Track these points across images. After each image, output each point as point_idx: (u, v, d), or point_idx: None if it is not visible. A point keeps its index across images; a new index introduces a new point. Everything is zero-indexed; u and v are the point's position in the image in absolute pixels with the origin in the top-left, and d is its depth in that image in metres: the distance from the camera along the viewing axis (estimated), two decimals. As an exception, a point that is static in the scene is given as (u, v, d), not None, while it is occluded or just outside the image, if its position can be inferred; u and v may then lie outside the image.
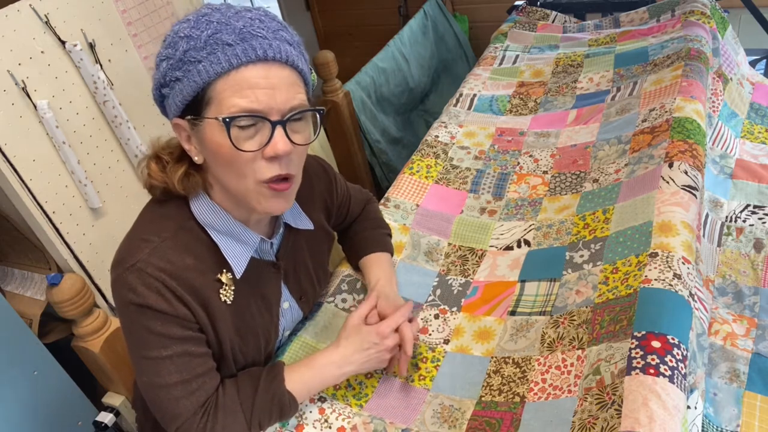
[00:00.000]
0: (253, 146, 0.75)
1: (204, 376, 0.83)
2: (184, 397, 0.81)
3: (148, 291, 0.77)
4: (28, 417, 1.28)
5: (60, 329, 1.43)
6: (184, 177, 0.81)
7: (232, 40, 0.72)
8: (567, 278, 1.09)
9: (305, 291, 1.02)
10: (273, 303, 0.95)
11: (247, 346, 0.91)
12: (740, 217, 1.28)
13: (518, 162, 1.48)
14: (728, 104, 1.59)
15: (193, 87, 0.74)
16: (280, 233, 0.95)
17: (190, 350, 0.81)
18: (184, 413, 0.81)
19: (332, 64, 1.97)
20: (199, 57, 0.73)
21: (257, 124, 0.75)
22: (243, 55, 0.72)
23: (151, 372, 0.81)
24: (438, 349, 1.06)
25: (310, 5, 3.09)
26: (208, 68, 0.73)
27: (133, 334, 0.81)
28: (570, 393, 0.87)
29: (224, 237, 0.85)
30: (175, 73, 0.75)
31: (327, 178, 1.06)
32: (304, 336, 1.06)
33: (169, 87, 0.76)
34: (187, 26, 0.74)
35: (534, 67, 1.89)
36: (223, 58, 0.72)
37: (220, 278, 0.85)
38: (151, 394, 0.82)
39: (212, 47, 0.72)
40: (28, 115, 1.25)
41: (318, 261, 1.04)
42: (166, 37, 0.77)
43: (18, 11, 1.22)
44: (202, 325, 0.83)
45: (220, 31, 0.73)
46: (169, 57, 0.75)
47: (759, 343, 1.03)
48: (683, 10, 1.85)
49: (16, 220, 1.35)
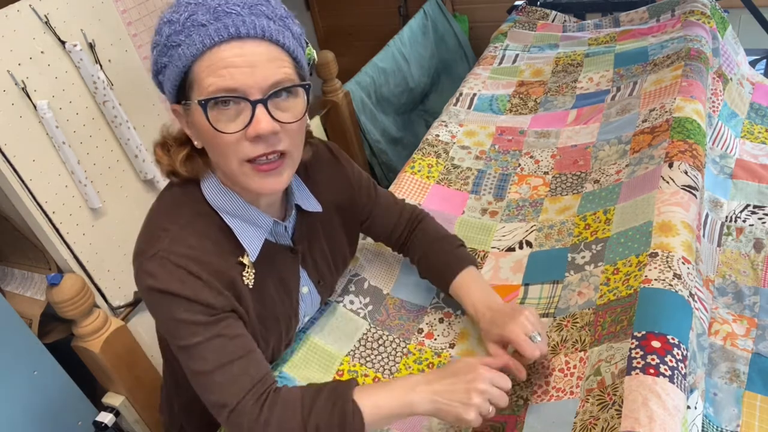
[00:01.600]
0: (236, 127, 0.74)
1: (244, 360, 0.80)
2: (227, 383, 0.78)
3: (170, 277, 0.76)
4: (27, 417, 1.28)
5: (60, 329, 1.43)
6: (186, 160, 0.82)
7: (206, 20, 0.72)
8: (569, 280, 1.09)
9: (323, 275, 1.02)
10: (292, 288, 0.95)
11: (269, 332, 0.91)
12: (740, 217, 1.28)
13: (519, 163, 1.48)
14: (728, 104, 1.59)
15: (177, 71, 0.74)
16: (293, 216, 0.94)
17: (222, 333, 0.79)
18: (231, 400, 0.78)
19: (332, 64, 1.98)
20: (178, 40, 0.73)
21: (240, 104, 0.73)
22: (216, 35, 0.71)
23: (189, 360, 0.79)
24: (443, 353, 1.06)
25: (310, 5, 3.09)
26: (185, 51, 0.72)
27: (162, 324, 0.80)
28: (572, 394, 0.87)
29: (236, 220, 0.84)
30: (162, 59, 0.75)
31: (336, 161, 1.03)
32: (312, 337, 1.06)
33: (162, 74, 0.77)
34: (169, 11, 0.75)
35: (534, 66, 1.89)
36: (198, 40, 0.71)
37: (242, 260, 0.85)
38: (195, 383, 0.80)
39: (189, 30, 0.72)
40: (28, 115, 1.25)
41: (334, 245, 1.03)
42: (157, 24, 0.77)
43: (18, 11, 1.22)
44: (233, 307, 0.82)
45: (195, 12, 0.72)
46: (157, 44, 0.75)
47: (759, 343, 1.03)
48: (683, 10, 1.85)
49: (16, 220, 1.35)
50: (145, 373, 1.46)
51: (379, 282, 1.18)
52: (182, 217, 0.81)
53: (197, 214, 0.82)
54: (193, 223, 0.81)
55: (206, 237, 0.81)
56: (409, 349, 1.08)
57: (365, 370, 1.04)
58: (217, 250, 0.82)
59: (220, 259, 0.81)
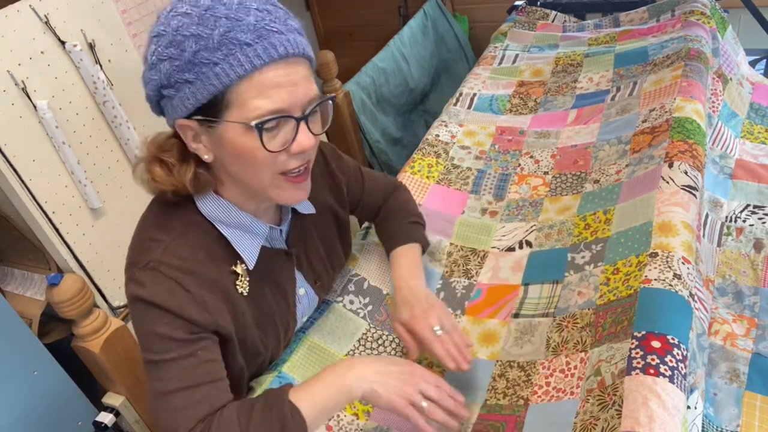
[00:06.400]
0: (278, 145, 0.74)
1: (210, 386, 0.77)
2: (184, 408, 0.75)
3: (159, 289, 0.75)
4: (27, 417, 1.28)
5: (60, 329, 1.43)
6: (194, 178, 0.78)
7: (249, 39, 0.68)
8: (569, 280, 1.09)
9: (320, 275, 1.02)
10: (288, 291, 0.94)
11: (267, 337, 0.91)
12: (740, 217, 1.28)
13: (519, 163, 1.48)
14: (728, 104, 1.59)
15: (210, 90, 0.70)
16: (288, 220, 0.94)
17: (196, 354, 0.77)
18: (182, 427, 0.74)
19: (332, 64, 1.97)
20: (215, 59, 0.68)
21: (281, 122, 0.73)
22: (265, 55, 0.69)
23: (154, 377, 0.76)
24: None
25: (310, 5, 3.09)
26: (228, 71, 0.68)
27: (140, 335, 0.78)
28: (572, 395, 0.87)
29: (233, 230, 0.83)
30: (184, 75, 0.70)
31: (324, 158, 1.03)
32: (312, 337, 1.06)
33: (175, 88, 0.72)
34: (189, 23, 0.69)
35: (534, 66, 1.89)
36: (245, 60, 0.68)
37: (235, 269, 0.84)
38: (153, 404, 0.77)
39: (228, 48, 0.68)
40: (28, 115, 1.25)
41: (328, 244, 1.03)
42: (161, 32, 0.71)
43: (18, 11, 1.22)
44: (222, 321, 0.80)
45: (233, 29, 0.68)
46: (174, 57, 0.70)
47: (759, 343, 1.03)
48: (683, 10, 1.85)
49: (16, 220, 1.35)
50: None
51: (379, 282, 1.18)
52: (174, 228, 0.80)
53: (189, 224, 0.81)
54: (186, 233, 0.80)
55: (199, 247, 0.80)
56: None
57: None
58: (210, 260, 0.81)
59: (213, 269, 0.80)
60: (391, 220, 1.14)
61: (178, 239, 0.79)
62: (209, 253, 0.81)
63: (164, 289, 0.76)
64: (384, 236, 1.15)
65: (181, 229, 0.80)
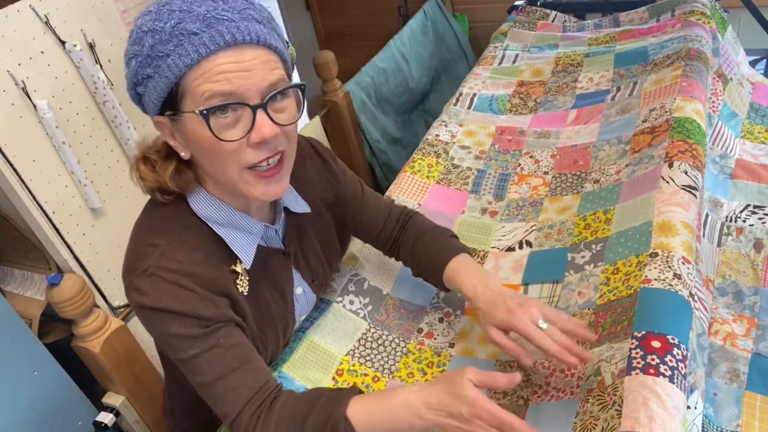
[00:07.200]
0: (237, 135, 0.72)
1: (241, 371, 0.79)
2: (226, 394, 0.78)
3: (162, 294, 0.76)
4: (28, 417, 1.28)
5: (60, 329, 1.43)
6: (174, 174, 0.79)
7: (197, 28, 0.68)
8: (569, 279, 1.09)
9: (317, 274, 1.01)
10: (286, 290, 0.94)
11: (267, 337, 0.91)
12: (740, 217, 1.28)
13: (519, 163, 1.48)
14: (728, 104, 1.59)
15: (166, 83, 0.71)
16: (282, 218, 0.93)
17: (218, 343, 0.78)
18: (231, 411, 0.78)
19: (332, 64, 1.97)
20: (167, 51, 0.69)
21: (238, 110, 0.71)
22: (210, 43, 0.68)
23: (189, 372, 0.79)
24: (443, 353, 1.06)
25: (310, 5, 3.09)
26: (177, 61, 0.69)
27: (159, 340, 0.80)
28: (572, 395, 0.87)
29: (228, 229, 0.83)
30: (146, 70, 0.71)
31: (321, 158, 1.02)
32: (312, 336, 1.06)
33: (143, 85, 0.73)
34: (149, 19, 0.70)
35: (534, 66, 1.89)
36: (191, 49, 0.68)
37: (234, 268, 0.84)
38: (200, 393, 0.81)
39: (178, 39, 0.68)
40: (28, 115, 1.25)
41: (325, 242, 1.02)
42: (131, 32, 0.73)
43: (18, 11, 1.22)
44: (230, 313, 0.81)
45: (183, 20, 0.68)
46: (137, 54, 0.71)
47: (759, 343, 1.03)
48: (683, 10, 1.85)
49: (16, 220, 1.35)
50: (145, 373, 1.46)
51: (378, 282, 1.18)
52: (170, 231, 0.80)
53: (185, 227, 0.81)
54: (182, 236, 0.80)
55: (196, 249, 0.80)
56: (408, 348, 1.08)
57: (365, 370, 1.04)
58: (208, 261, 0.81)
59: (212, 270, 0.81)
60: (430, 241, 1.04)
61: (174, 242, 0.79)
62: (207, 254, 0.81)
63: (167, 293, 0.76)
64: (429, 256, 1.03)
65: (176, 230, 0.80)
